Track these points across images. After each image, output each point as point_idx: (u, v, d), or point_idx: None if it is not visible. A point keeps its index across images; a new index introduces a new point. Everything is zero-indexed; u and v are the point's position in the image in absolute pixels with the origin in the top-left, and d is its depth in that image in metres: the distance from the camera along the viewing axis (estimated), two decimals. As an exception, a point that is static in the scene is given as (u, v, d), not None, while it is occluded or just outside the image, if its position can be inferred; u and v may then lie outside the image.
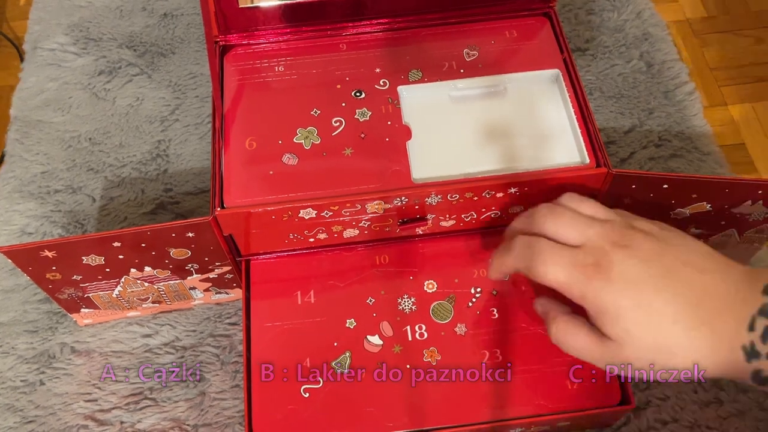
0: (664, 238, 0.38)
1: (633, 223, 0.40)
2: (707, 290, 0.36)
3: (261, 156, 0.46)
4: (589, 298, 0.37)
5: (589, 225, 0.39)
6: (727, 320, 0.35)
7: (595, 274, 0.37)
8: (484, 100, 0.49)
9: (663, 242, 0.38)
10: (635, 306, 0.36)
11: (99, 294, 0.49)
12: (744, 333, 0.34)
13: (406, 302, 0.47)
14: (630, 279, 0.37)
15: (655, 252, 0.37)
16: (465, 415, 0.43)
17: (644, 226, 0.39)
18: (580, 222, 0.40)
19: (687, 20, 1.43)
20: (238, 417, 0.49)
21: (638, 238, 0.38)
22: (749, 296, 0.35)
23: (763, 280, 0.35)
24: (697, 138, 0.61)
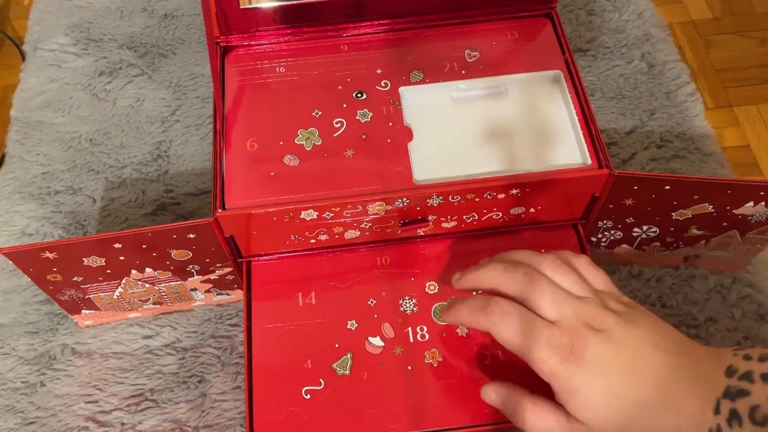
0: (635, 320, 0.39)
1: (607, 303, 0.40)
2: (675, 374, 0.37)
3: (262, 157, 0.46)
4: (560, 379, 0.38)
5: (566, 301, 0.39)
6: (694, 404, 0.36)
7: (569, 356, 0.38)
8: (486, 101, 0.49)
9: (633, 325, 0.39)
10: (605, 391, 0.37)
11: (100, 295, 0.49)
12: (710, 416, 0.35)
13: (407, 303, 0.47)
14: (602, 364, 0.37)
15: (628, 336, 0.38)
16: (467, 416, 0.43)
17: (617, 307, 0.40)
18: (558, 296, 0.40)
19: (692, 21, 1.43)
20: (239, 418, 0.49)
21: (611, 321, 0.39)
22: (713, 378, 0.35)
23: (725, 361, 0.36)
24: (699, 139, 0.60)
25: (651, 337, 0.38)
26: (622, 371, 0.37)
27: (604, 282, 0.42)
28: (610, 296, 0.41)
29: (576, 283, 0.41)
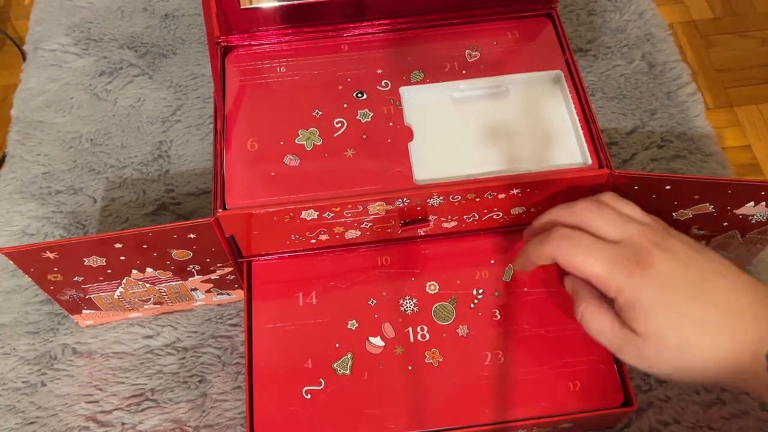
0: (698, 249, 0.40)
1: (669, 230, 0.41)
2: (737, 300, 0.37)
3: (262, 157, 0.46)
4: (625, 293, 0.38)
5: (630, 223, 0.40)
6: (753, 329, 0.36)
7: (635, 269, 0.38)
8: (486, 101, 0.49)
9: (697, 252, 0.39)
10: (669, 307, 0.37)
11: (100, 295, 0.49)
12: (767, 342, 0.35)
13: (407, 303, 0.47)
14: (668, 280, 0.38)
15: (692, 258, 0.39)
16: (467, 416, 0.43)
17: (679, 235, 0.41)
18: (621, 219, 0.41)
19: (693, 21, 1.42)
20: (240, 418, 0.49)
21: (676, 243, 0.39)
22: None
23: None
24: (699, 139, 0.60)
25: (717, 265, 0.39)
26: (687, 290, 0.37)
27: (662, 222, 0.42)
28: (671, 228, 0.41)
29: (637, 211, 0.42)
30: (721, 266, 0.39)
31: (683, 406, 0.49)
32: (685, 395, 0.49)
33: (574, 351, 0.45)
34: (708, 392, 0.49)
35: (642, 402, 0.49)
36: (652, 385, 0.50)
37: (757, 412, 0.48)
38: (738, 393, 0.49)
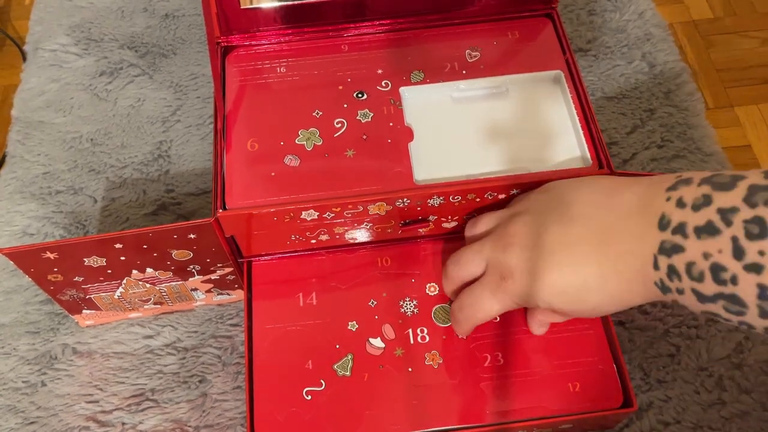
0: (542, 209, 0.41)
1: (513, 211, 0.43)
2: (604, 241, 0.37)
3: (263, 157, 0.46)
4: (519, 302, 0.41)
5: (479, 249, 0.43)
6: (633, 263, 0.36)
7: (506, 284, 0.41)
8: (487, 101, 0.49)
9: (541, 214, 0.40)
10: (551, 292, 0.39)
11: (101, 295, 0.49)
12: (652, 272, 0.35)
13: (408, 305, 0.47)
14: (530, 272, 0.39)
15: (537, 230, 0.40)
16: (467, 417, 0.43)
17: (521, 207, 0.42)
18: (472, 253, 0.43)
19: (693, 21, 1.42)
20: (240, 418, 0.49)
21: (517, 228, 0.41)
22: (647, 234, 0.35)
23: (655, 212, 0.35)
24: (700, 139, 0.60)
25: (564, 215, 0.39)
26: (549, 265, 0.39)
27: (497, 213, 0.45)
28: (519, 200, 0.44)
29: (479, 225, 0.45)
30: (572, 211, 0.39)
31: (683, 406, 0.49)
32: (685, 395, 0.49)
33: (573, 352, 0.45)
34: (708, 392, 0.49)
35: (642, 402, 0.49)
36: (652, 385, 0.50)
37: (759, 413, 0.48)
38: (738, 393, 0.49)
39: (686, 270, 0.33)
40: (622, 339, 0.51)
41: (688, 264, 0.33)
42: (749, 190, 0.32)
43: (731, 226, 0.32)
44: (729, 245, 0.32)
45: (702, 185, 0.34)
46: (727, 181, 0.33)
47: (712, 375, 0.50)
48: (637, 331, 0.52)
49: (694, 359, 0.50)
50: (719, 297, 0.32)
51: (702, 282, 0.33)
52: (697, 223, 0.33)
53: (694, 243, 0.33)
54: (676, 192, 0.35)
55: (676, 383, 0.50)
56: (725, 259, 0.32)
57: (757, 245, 0.31)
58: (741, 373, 0.50)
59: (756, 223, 0.31)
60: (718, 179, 0.33)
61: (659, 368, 0.50)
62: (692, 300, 0.34)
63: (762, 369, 0.50)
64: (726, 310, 0.33)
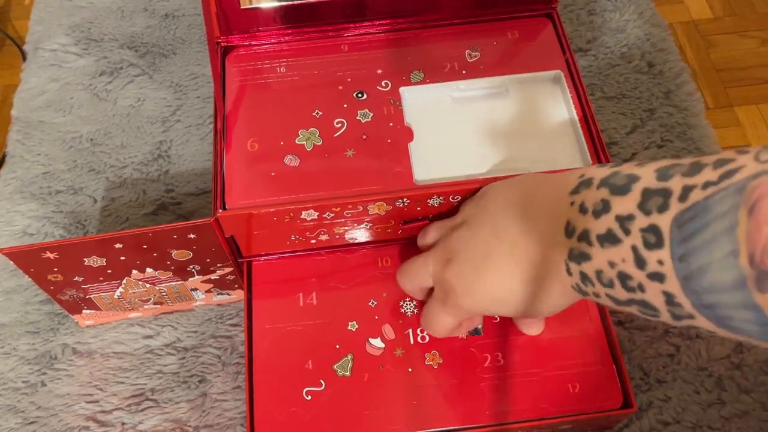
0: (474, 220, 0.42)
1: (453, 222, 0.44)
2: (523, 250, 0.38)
3: (263, 157, 0.46)
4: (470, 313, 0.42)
5: (424, 263, 0.44)
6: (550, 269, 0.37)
7: (449, 299, 0.41)
8: (486, 101, 0.49)
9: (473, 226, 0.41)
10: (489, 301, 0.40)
11: (100, 295, 0.49)
12: (567, 277, 0.36)
13: (408, 305, 0.47)
14: (467, 285, 0.40)
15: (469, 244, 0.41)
16: (467, 418, 0.43)
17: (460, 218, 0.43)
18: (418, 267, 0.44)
19: (693, 21, 1.42)
20: (240, 418, 0.49)
21: (454, 242, 0.42)
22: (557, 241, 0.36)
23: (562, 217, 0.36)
24: (700, 139, 0.60)
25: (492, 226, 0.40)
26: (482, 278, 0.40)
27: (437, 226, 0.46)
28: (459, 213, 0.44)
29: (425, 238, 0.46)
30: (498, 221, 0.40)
31: (683, 406, 0.49)
32: (685, 395, 0.49)
33: (573, 353, 0.45)
34: (708, 392, 0.49)
35: (642, 402, 0.49)
36: (652, 385, 0.50)
37: (758, 412, 0.48)
38: (738, 393, 0.49)
39: (596, 277, 0.34)
40: (622, 339, 0.51)
41: (597, 271, 0.33)
42: (643, 196, 0.31)
43: (630, 234, 0.32)
44: (630, 255, 0.32)
45: (601, 188, 0.34)
46: (623, 183, 0.33)
47: (712, 375, 0.50)
48: (637, 331, 0.52)
49: (694, 359, 0.50)
50: (632, 302, 0.33)
51: (613, 288, 0.33)
52: (599, 231, 0.33)
53: (598, 251, 0.33)
54: (579, 196, 0.35)
55: (675, 383, 0.50)
56: (629, 269, 0.32)
57: (655, 254, 0.30)
58: (741, 373, 0.50)
59: (652, 231, 0.31)
60: (615, 181, 0.33)
61: (659, 368, 0.50)
62: (609, 303, 0.34)
63: (762, 369, 0.50)
64: (641, 312, 0.33)
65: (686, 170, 0.30)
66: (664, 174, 0.31)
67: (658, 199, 0.31)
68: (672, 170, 0.31)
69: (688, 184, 0.30)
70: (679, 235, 0.29)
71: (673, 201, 0.30)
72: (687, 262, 0.29)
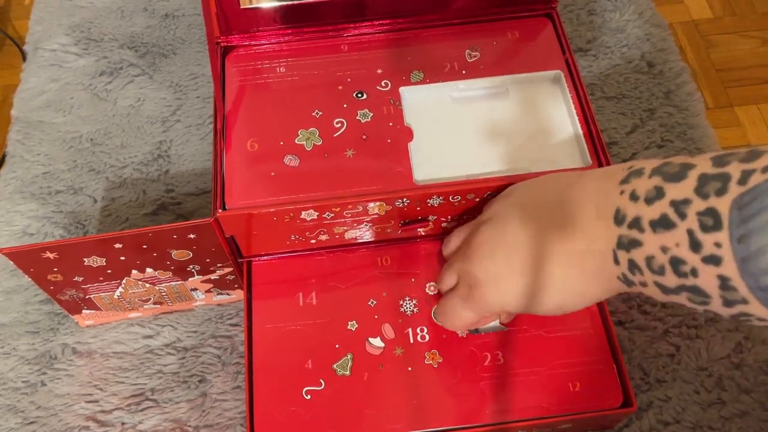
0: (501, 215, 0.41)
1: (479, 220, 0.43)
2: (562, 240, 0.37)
3: (262, 157, 0.46)
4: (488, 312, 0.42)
5: (450, 264, 0.44)
6: (593, 260, 0.36)
7: (474, 293, 0.41)
8: (486, 101, 0.49)
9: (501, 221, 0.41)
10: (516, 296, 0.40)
11: (100, 295, 0.49)
12: (614, 267, 0.35)
13: (407, 304, 0.47)
14: (494, 279, 0.40)
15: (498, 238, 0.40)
16: (467, 417, 0.43)
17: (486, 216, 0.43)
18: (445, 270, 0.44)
19: (693, 21, 1.42)
20: (240, 418, 0.49)
21: (480, 237, 0.41)
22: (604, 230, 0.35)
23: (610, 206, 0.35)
24: (700, 139, 0.60)
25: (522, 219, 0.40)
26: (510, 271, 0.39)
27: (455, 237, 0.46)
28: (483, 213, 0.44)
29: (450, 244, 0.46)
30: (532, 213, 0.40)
31: (683, 406, 0.49)
32: (685, 395, 0.49)
33: (573, 352, 0.45)
34: (708, 392, 0.49)
35: (642, 402, 0.49)
36: (652, 385, 0.50)
37: (758, 412, 0.48)
38: (738, 393, 0.49)
39: (646, 264, 0.33)
40: (622, 339, 0.51)
41: (647, 258, 0.33)
42: (699, 181, 0.32)
43: (686, 219, 0.32)
44: (685, 238, 0.31)
45: (653, 176, 0.34)
46: (677, 171, 0.33)
47: (712, 375, 0.50)
48: (636, 331, 0.52)
49: (694, 359, 0.50)
50: (682, 289, 0.33)
51: (663, 275, 0.33)
52: (652, 216, 0.33)
53: (651, 237, 0.33)
54: (629, 185, 0.35)
55: (675, 383, 0.50)
56: (683, 252, 0.32)
57: (712, 237, 0.30)
58: (741, 373, 0.50)
59: (709, 214, 0.31)
60: (668, 169, 0.33)
61: (659, 368, 0.50)
62: (656, 292, 0.34)
63: (762, 369, 0.50)
64: (690, 300, 0.33)
65: (743, 157, 0.31)
66: (720, 161, 0.31)
67: (715, 184, 0.31)
68: (728, 158, 0.31)
69: (746, 168, 0.30)
70: (739, 216, 0.29)
71: (732, 185, 0.30)
72: (746, 243, 0.29)
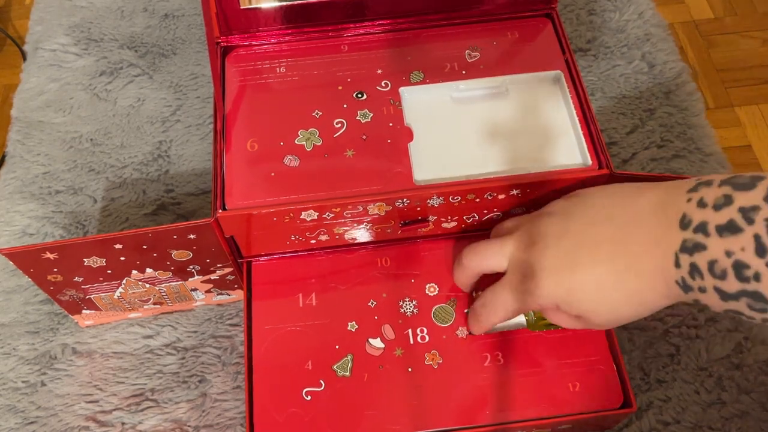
0: (567, 210, 0.41)
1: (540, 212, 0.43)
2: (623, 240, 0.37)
3: (262, 157, 0.46)
4: (536, 305, 0.41)
5: (502, 245, 0.43)
6: (653, 261, 0.36)
7: (527, 283, 0.40)
8: (486, 101, 0.49)
9: (566, 216, 0.41)
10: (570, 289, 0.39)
11: (100, 295, 0.49)
12: (673, 270, 0.35)
13: (407, 305, 0.47)
14: (552, 269, 0.39)
15: (561, 230, 0.40)
16: (467, 418, 0.43)
17: (548, 209, 0.42)
18: (495, 247, 0.43)
19: (693, 21, 1.42)
20: (240, 418, 0.49)
21: (542, 227, 0.41)
22: (668, 233, 0.35)
23: (678, 209, 0.35)
24: (699, 139, 0.60)
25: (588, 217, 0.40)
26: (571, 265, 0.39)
27: None
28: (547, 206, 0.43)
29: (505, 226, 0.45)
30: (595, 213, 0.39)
31: (683, 406, 0.49)
32: (685, 395, 0.49)
33: (573, 352, 0.45)
34: (708, 392, 0.49)
35: (642, 402, 0.49)
36: (652, 385, 0.50)
37: (758, 413, 0.48)
38: (738, 393, 0.49)
39: (708, 268, 0.33)
40: (622, 339, 0.51)
41: (710, 262, 0.33)
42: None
43: (753, 224, 0.32)
44: (751, 243, 0.32)
45: (722, 186, 0.34)
46: (747, 181, 0.33)
47: (712, 375, 0.50)
48: (636, 331, 0.52)
49: (694, 359, 0.50)
50: (742, 294, 0.33)
51: (725, 280, 0.33)
52: (719, 222, 0.33)
53: (716, 241, 0.33)
54: (697, 193, 0.35)
55: (675, 383, 0.50)
56: (748, 257, 0.32)
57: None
58: (741, 373, 0.50)
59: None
60: (738, 180, 0.34)
61: (659, 368, 0.50)
62: (715, 298, 0.34)
63: (761, 369, 0.50)
64: (750, 307, 0.33)
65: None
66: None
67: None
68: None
69: None
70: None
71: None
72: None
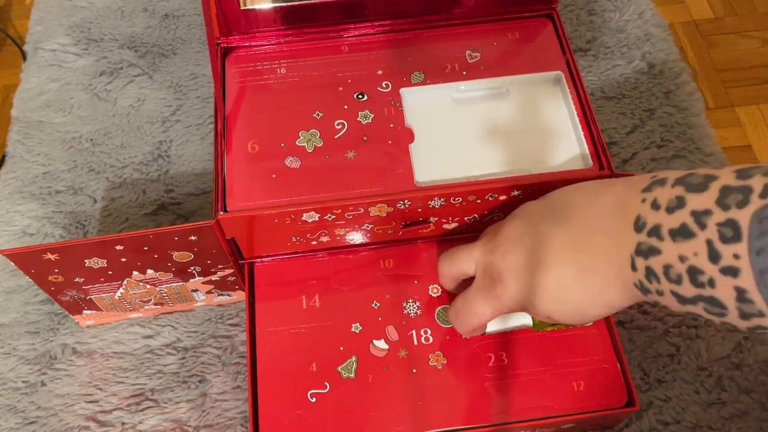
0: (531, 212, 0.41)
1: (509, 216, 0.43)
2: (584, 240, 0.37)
3: (263, 159, 0.46)
4: (507, 309, 0.41)
5: (471, 250, 0.43)
6: (612, 262, 0.36)
7: (496, 288, 0.41)
8: (487, 102, 0.49)
9: (530, 218, 0.41)
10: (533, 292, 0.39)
11: (101, 296, 0.49)
12: (630, 273, 0.35)
13: (411, 306, 0.47)
14: (515, 272, 0.40)
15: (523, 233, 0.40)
16: (471, 418, 0.43)
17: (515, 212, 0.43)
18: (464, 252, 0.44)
19: (693, 21, 1.42)
20: (240, 418, 0.49)
21: (506, 230, 0.41)
22: (623, 235, 0.35)
23: (632, 213, 0.35)
24: (699, 139, 0.60)
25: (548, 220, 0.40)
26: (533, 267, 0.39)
27: None
28: None
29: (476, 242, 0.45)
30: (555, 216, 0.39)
31: (683, 405, 0.49)
32: (685, 395, 0.49)
33: (577, 351, 0.45)
34: (708, 392, 0.49)
35: (642, 402, 0.49)
36: (652, 385, 0.50)
37: (758, 413, 0.48)
38: (738, 393, 0.49)
39: (664, 272, 0.33)
40: (622, 339, 0.51)
41: (665, 266, 0.33)
42: (721, 192, 0.32)
43: (705, 229, 0.32)
44: (704, 248, 0.32)
45: (675, 186, 0.34)
46: (700, 182, 0.33)
47: (712, 375, 0.50)
48: (636, 331, 0.52)
49: (694, 359, 0.50)
50: (698, 299, 0.33)
51: (680, 284, 0.33)
52: (672, 225, 0.33)
53: (669, 245, 0.33)
54: (651, 193, 0.35)
55: (675, 383, 0.50)
56: (701, 263, 0.32)
57: (731, 248, 0.30)
58: (741, 373, 0.50)
59: (729, 226, 0.31)
60: (691, 180, 0.33)
61: (659, 368, 0.50)
62: (672, 301, 0.34)
63: (761, 369, 0.50)
64: (706, 311, 0.33)
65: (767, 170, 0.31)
66: (743, 173, 0.32)
67: (737, 196, 0.31)
68: (752, 171, 0.32)
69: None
70: (759, 229, 0.30)
71: (754, 197, 0.30)
72: (765, 255, 0.29)
